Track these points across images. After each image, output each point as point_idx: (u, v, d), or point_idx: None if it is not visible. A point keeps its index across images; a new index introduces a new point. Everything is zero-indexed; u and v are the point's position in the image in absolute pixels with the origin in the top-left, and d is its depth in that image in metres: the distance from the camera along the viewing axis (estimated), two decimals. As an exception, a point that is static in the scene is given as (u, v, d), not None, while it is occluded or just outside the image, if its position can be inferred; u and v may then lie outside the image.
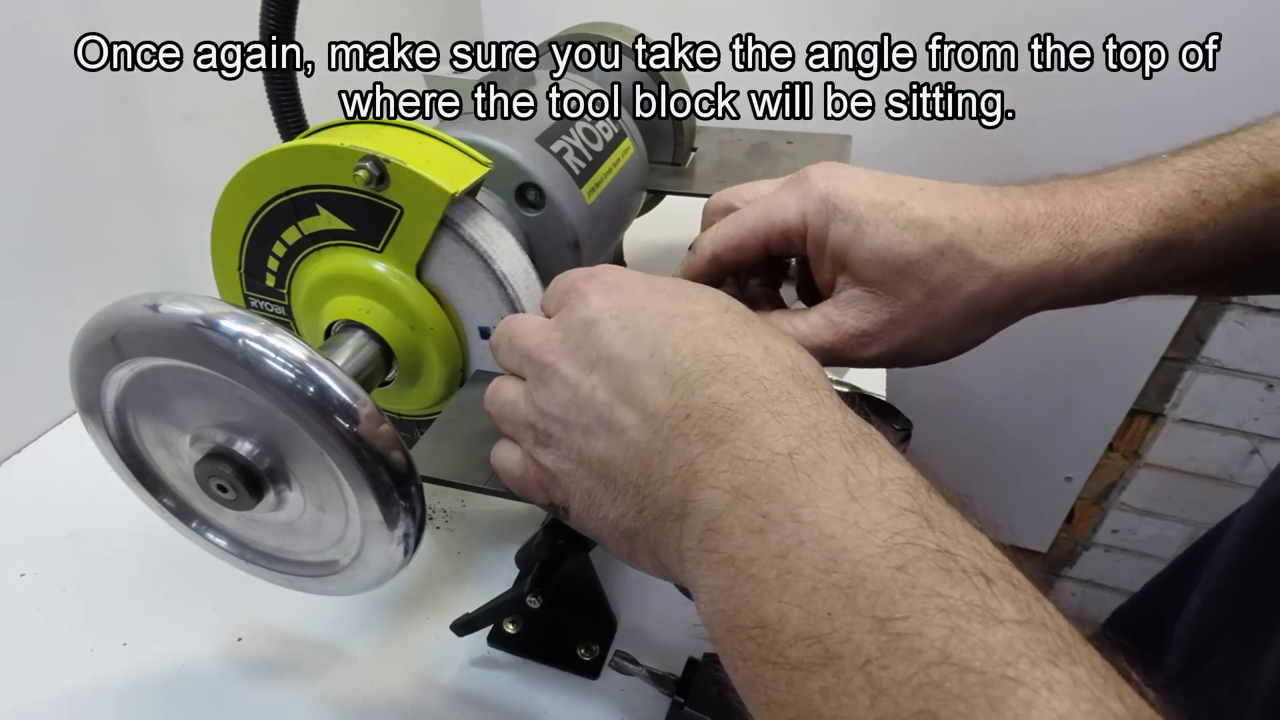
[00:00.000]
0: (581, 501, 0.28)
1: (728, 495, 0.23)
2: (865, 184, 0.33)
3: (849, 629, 0.19)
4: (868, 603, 0.19)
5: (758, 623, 0.21)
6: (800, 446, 0.23)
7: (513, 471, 0.31)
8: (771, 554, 0.21)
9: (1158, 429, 1.14)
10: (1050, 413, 1.15)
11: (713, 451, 0.24)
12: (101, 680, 0.40)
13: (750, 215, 0.35)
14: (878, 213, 0.32)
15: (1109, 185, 0.33)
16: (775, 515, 0.22)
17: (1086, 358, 1.06)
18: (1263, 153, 0.33)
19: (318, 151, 0.37)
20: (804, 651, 0.20)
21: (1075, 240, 0.32)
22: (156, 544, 0.46)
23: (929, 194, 0.33)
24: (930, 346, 0.34)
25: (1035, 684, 0.17)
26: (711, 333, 0.26)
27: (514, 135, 0.45)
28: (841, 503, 0.21)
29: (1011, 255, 0.31)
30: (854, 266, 0.33)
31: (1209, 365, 1.05)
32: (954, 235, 0.31)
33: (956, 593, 0.19)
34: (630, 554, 0.28)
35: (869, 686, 0.18)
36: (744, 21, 0.91)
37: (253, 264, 0.42)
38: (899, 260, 0.32)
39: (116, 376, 0.30)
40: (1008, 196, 0.33)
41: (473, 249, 0.38)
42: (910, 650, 0.18)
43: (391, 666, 0.41)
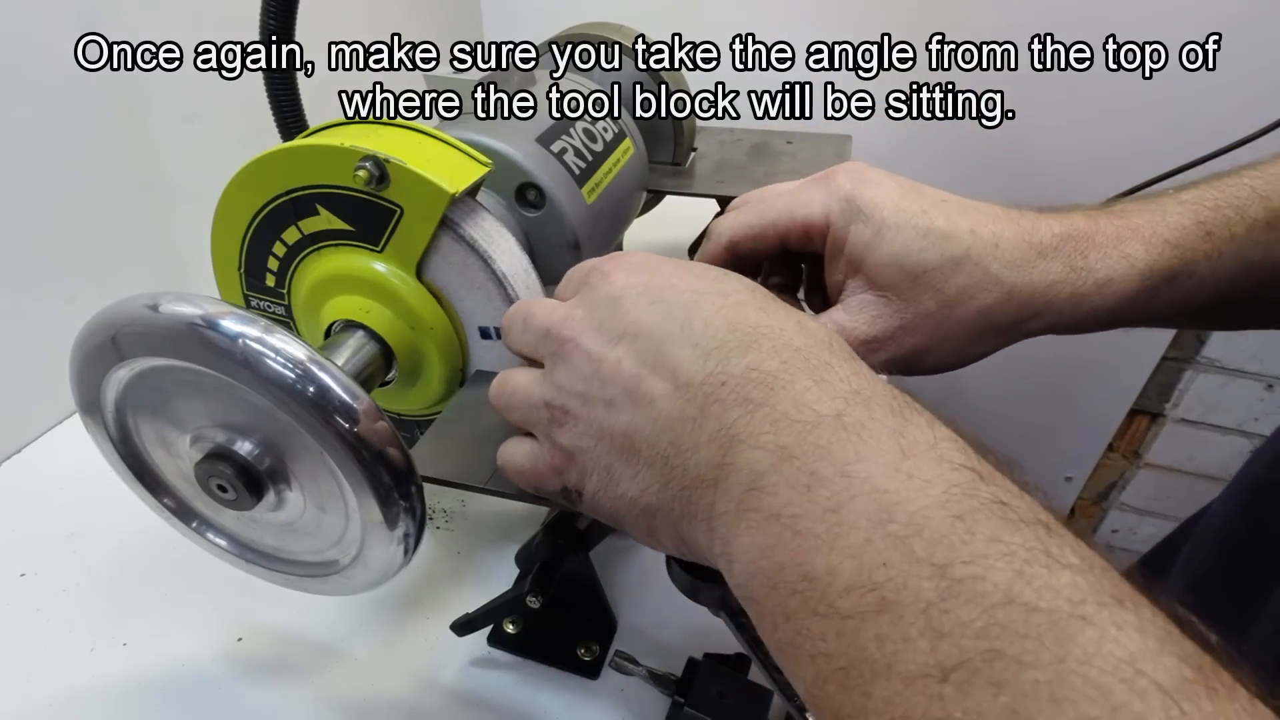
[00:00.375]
0: (599, 480, 0.27)
1: (771, 455, 0.22)
2: (890, 190, 0.34)
3: (906, 576, 0.19)
4: (926, 551, 0.19)
5: (805, 576, 0.21)
6: (846, 409, 0.22)
7: (522, 465, 0.30)
8: (821, 509, 0.21)
9: (1158, 429, 1.14)
10: (1050, 413, 1.15)
11: (752, 415, 0.23)
12: (101, 680, 0.40)
13: (773, 207, 0.35)
14: (900, 218, 0.33)
15: (1118, 215, 0.34)
16: (824, 473, 0.21)
17: (1086, 358, 1.06)
18: (1265, 187, 0.34)
19: (318, 151, 0.37)
20: (857, 601, 0.19)
21: (1084, 265, 0.32)
22: (156, 544, 0.46)
23: (950, 206, 0.33)
24: (936, 356, 0.34)
25: (1103, 623, 0.17)
26: (743, 307, 0.26)
27: (514, 135, 0.45)
28: (894, 460, 0.21)
29: (1024, 273, 0.32)
30: (870, 269, 0.33)
31: (1209, 365, 1.05)
32: (972, 248, 0.32)
33: (1018, 539, 0.19)
34: (650, 531, 0.27)
35: (929, 631, 0.18)
36: (744, 21, 0.91)
37: (253, 264, 0.42)
38: (916, 267, 0.32)
39: (116, 376, 0.30)
40: (1025, 217, 0.34)
41: (473, 249, 0.38)
42: (974, 594, 0.18)
43: (391, 666, 0.41)
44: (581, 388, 0.27)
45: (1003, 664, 0.17)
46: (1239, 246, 0.33)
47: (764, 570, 0.22)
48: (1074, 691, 0.16)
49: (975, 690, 0.17)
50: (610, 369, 0.26)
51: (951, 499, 0.20)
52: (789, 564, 0.21)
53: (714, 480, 0.24)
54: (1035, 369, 1.09)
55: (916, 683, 0.18)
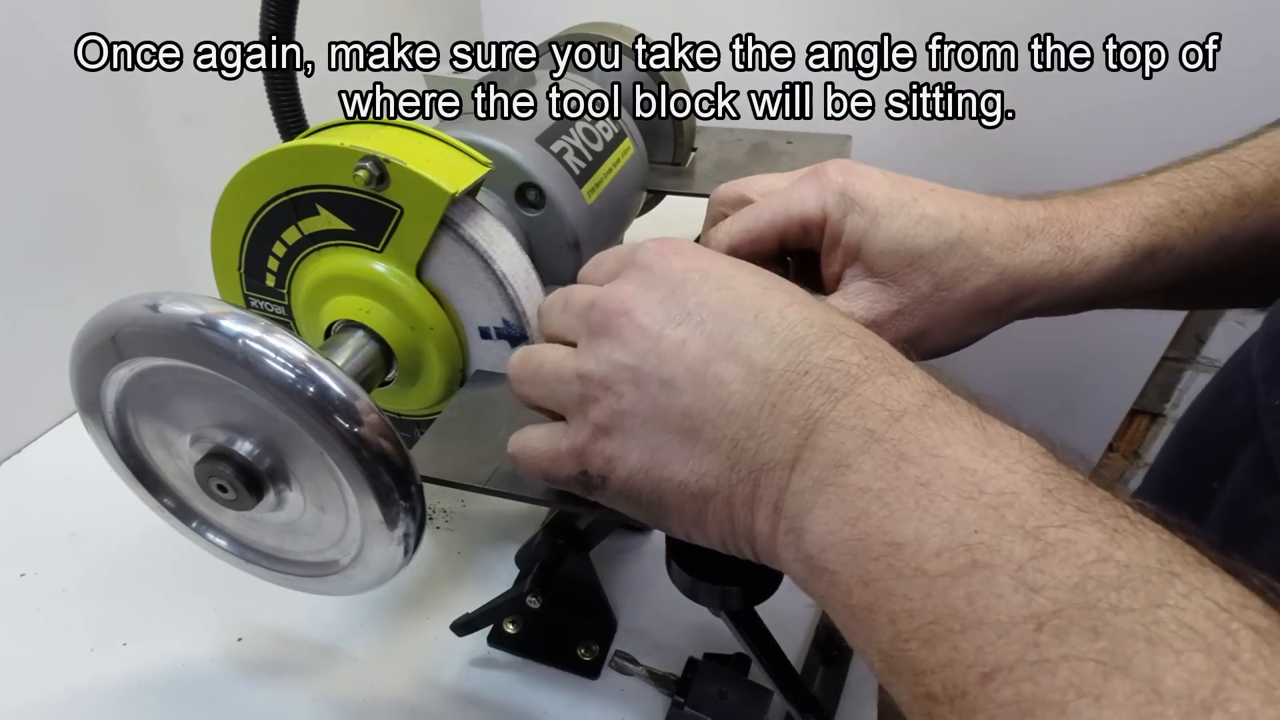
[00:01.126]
0: (640, 460, 0.27)
1: (859, 437, 0.23)
2: (880, 181, 0.35)
3: (999, 540, 0.19)
4: (1018, 519, 0.19)
5: (891, 543, 0.21)
6: (930, 402, 0.23)
7: (538, 448, 0.29)
8: (910, 483, 0.21)
9: (1158, 429, 1.14)
10: (1050, 413, 1.14)
11: (836, 403, 0.24)
12: (101, 680, 0.40)
13: (768, 209, 0.36)
14: (893, 207, 0.34)
15: (1097, 197, 0.36)
16: (912, 454, 0.22)
17: (1086, 358, 1.06)
18: (1230, 167, 0.36)
19: (318, 151, 0.37)
20: (947, 563, 0.20)
21: (1070, 245, 0.34)
22: (156, 544, 0.46)
23: (940, 194, 0.35)
24: (932, 339, 0.35)
25: (1191, 579, 0.17)
26: (812, 306, 0.27)
27: (514, 135, 0.45)
28: (980, 446, 0.22)
29: (1014, 254, 0.34)
30: (867, 257, 0.34)
31: (1209, 365, 1.05)
32: (964, 232, 0.34)
33: (1105, 510, 0.19)
34: (696, 516, 0.26)
35: (1023, 586, 0.18)
36: (744, 21, 0.91)
37: (253, 264, 0.42)
38: (912, 252, 0.34)
39: (116, 376, 0.30)
40: (1010, 203, 0.35)
41: (473, 249, 0.38)
42: (1067, 554, 0.18)
43: (391, 666, 0.41)
44: (634, 362, 0.26)
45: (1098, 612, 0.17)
46: (1212, 223, 0.35)
47: (844, 540, 0.22)
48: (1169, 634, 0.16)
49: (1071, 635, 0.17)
50: (671, 347, 0.26)
51: (1038, 478, 0.20)
52: (874, 532, 0.21)
53: (791, 462, 0.24)
54: (1035, 369, 1.09)
55: (1010, 631, 0.18)
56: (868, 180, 0.35)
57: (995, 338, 0.36)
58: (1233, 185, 0.35)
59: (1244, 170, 0.36)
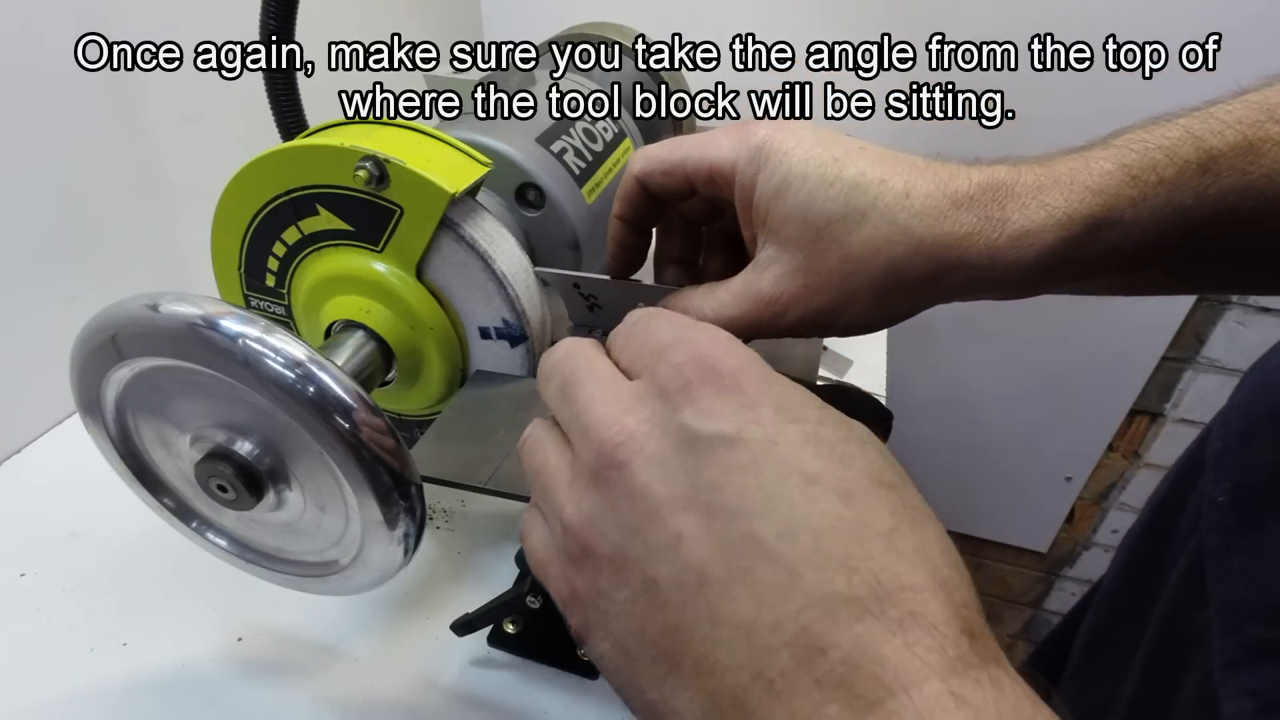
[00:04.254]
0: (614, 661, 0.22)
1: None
2: (804, 138, 0.31)
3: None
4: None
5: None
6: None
7: (535, 549, 0.26)
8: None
9: (1158, 429, 1.14)
10: (1050, 413, 1.14)
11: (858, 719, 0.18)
12: (101, 680, 0.40)
13: (685, 143, 0.33)
14: (808, 167, 0.30)
15: (1042, 165, 0.31)
16: None
17: (1086, 358, 1.06)
18: (1200, 126, 0.31)
19: (318, 151, 0.37)
20: None
21: (1000, 215, 0.30)
22: (156, 544, 0.46)
23: (866, 155, 0.31)
24: (847, 317, 0.32)
25: None
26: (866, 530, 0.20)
27: (514, 135, 0.45)
28: None
29: (934, 223, 0.29)
30: (774, 223, 0.31)
31: (1209, 365, 1.05)
32: (880, 197, 0.30)
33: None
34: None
35: None
36: (744, 21, 0.91)
37: (253, 264, 0.42)
38: (819, 219, 0.30)
39: (116, 376, 0.30)
40: (945, 168, 0.31)
41: (473, 249, 0.38)
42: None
43: (391, 666, 0.41)
44: (619, 538, 0.22)
45: None
46: (1169, 191, 0.30)
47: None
48: None
49: None
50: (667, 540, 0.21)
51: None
52: None
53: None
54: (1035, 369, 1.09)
55: None
56: (790, 137, 0.31)
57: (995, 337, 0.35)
58: (1197, 149, 0.30)
59: (1214, 131, 0.30)
